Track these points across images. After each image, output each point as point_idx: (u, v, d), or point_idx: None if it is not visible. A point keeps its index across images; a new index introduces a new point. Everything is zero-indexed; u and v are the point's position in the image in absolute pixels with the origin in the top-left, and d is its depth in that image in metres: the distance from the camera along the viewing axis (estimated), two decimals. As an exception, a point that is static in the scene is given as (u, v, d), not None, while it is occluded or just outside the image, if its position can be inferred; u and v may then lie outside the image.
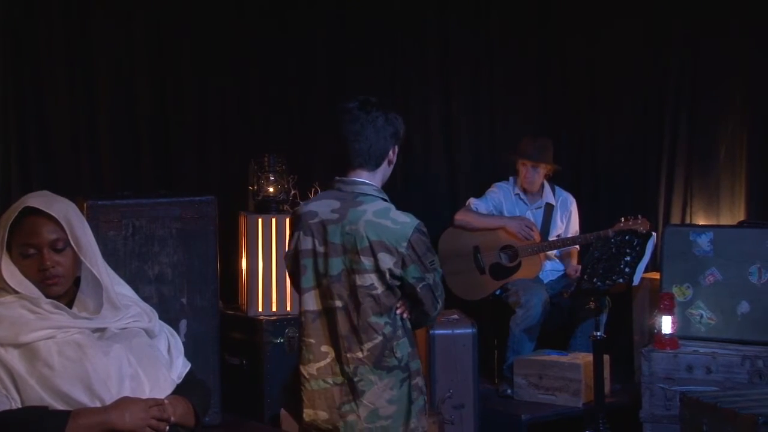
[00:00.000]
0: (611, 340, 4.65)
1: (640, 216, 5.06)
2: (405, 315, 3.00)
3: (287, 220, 4.91)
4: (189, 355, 2.63)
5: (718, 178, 5.49)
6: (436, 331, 4.68)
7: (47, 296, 2.40)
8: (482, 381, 4.99)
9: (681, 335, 4.58)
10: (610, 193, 5.92)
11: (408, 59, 5.98)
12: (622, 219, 5.07)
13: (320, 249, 2.98)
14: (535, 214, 5.38)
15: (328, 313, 2.98)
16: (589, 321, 4.73)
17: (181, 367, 2.55)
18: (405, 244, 2.90)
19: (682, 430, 3.81)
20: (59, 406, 2.28)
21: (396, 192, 5.85)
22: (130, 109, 5.22)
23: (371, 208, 2.95)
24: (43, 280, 2.40)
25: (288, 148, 5.28)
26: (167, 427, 2.39)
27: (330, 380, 2.99)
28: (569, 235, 5.35)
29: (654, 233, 4.84)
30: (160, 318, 2.60)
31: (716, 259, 4.62)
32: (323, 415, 2.99)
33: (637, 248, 4.37)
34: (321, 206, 3.01)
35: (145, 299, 2.68)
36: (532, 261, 5.21)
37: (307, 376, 3.02)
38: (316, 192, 5.17)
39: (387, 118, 3.02)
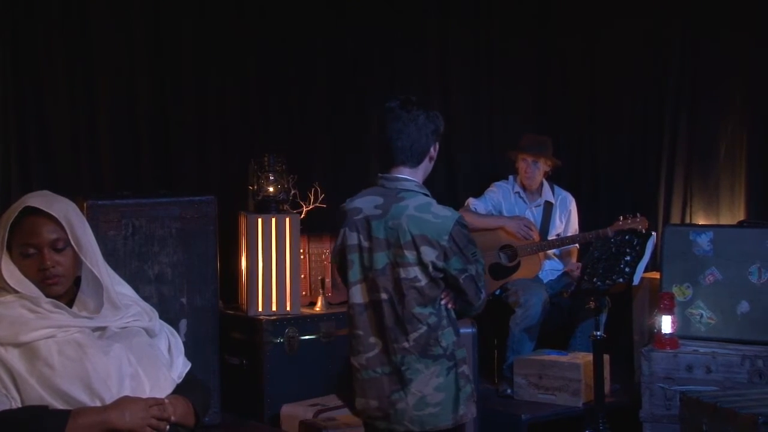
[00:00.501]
0: (611, 340, 4.65)
1: (638, 214, 5.07)
2: (450, 305, 3.12)
3: (287, 220, 4.92)
4: (189, 354, 2.63)
5: (718, 178, 5.48)
6: (436, 331, 4.67)
7: (47, 296, 2.40)
8: (482, 381, 4.99)
9: (681, 335, 4.58)
10: (610, 193, 5.92)
11: (407, 59, 5.98)
12: (621, 218, 5.08)
13: (365, 244, 3.11)
14: (534, 212, 5.38)
15: (374, 305, 3.11)
16: (589, 321, 4.72)
17: (181, 367, 2.55)
18: (446, 237, 3.02)
19: (682, 430, 3.81)
20: (59, 405, 2.28)
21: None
22: (130, 109, 5.21)
23: (413, 203, 3.07)
24: (43, 280, 2.40)
25: (288, 147, 5.28)
26: (167, 427, 2.39)
27: (379, 370, 3.11)
28: (568, 234, 5.35)
29: (654, 233, 4.83)
30: (160, 318, 2.60)
31: (716, 258, 4.61)
32: (374, 403, 3.12)
33: (637, 248, 4.37)
34: (365, 203, 3.14)
35: (145, 299, 2.68)
36: (531, 261, 5.21)
37: (358, 367, 3.15)
38: (315, 192, 5.19)
39: (428, 115, 3.15)
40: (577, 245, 5.38)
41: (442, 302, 3.10)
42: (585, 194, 5.86)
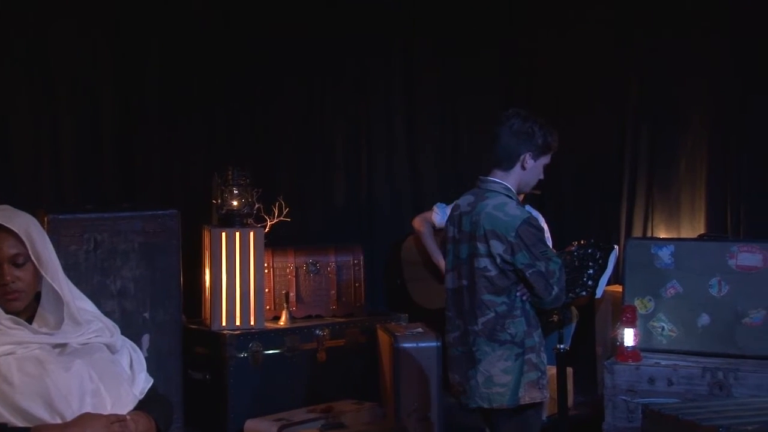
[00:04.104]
0: (574, 353, 4.67)
1: (591, 240, 5.07)
2: (524, 298, 3.41)
3: (251, 234, 4.90)
4: (152, 370, 2.61)
5: (679, 191, 5.55)
6: (401, 345, 4.69)
7: (7, 312, 2.37)
8: (447, 394, 4.99)
9: (643, 347, 4.61)
10: (574, 207, 5.97)
11: (373, 73, 6.01)
12: (575, 243, 5.08)
13: (457, 236, 3.50)
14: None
15: (458, 290, 3.49)
16: (553, 334, 4.74)
17: (143, 383, 2.53)
18: (513, 234, 3.34)
19: (644, 442, 3.84)
20: (19, 422, 2.25)
21: (361, 201, 5.95)
22: (92, 122, 5.18)
23: (492, 202, 3.42)
24: (3, 295, 2.37)
25: (252, 161, 5.27)
26: (129, 444, 2.37)
27: (461, 348, 3.49)
28: None
29: (616, 246, 4.87)
30: (123, 333, 2.58)
31: (677, 271, 4.65)
32: (457, 378, 3.53)
33: (600, 261, 4.39)
34: (463, 201, 3.55)
35: (107, 314, 2.66)
36: None
37: (447, 345, 3.58)
38: (280, 205, 5.19)
39: (524, 124, 3.45)
40: None
41: (518, 294, 3.39)
42: (549, 208, 5.89)
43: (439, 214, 5.39)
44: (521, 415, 3.46)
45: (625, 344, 4.54)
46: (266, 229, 5.08)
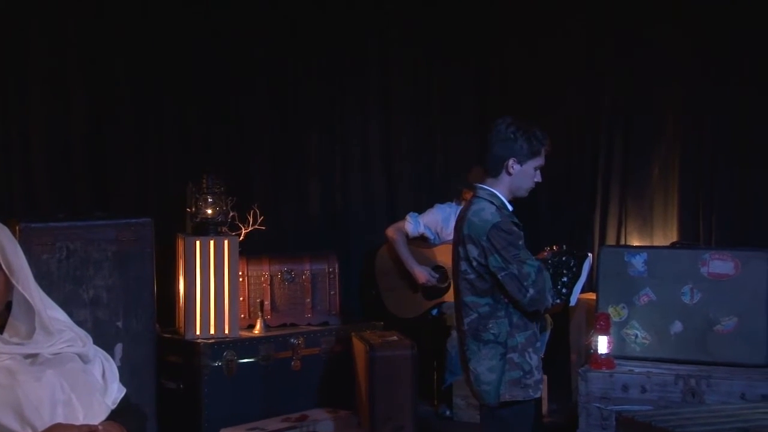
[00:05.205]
0: (549, 361, 4.68)
1: (564, 246, 5.10)
2: (506, 300, 3.48)
3: (225, 243, 4.89)
4: (125, 379, 2.59)
5: (652, 199, 5.59)
6: (376, 353, 4.69)
7: (-23, 322, 2.34)
8: (422, 402, 4.99)
9: (617, 355, 4.64)
10: (547, 214, 5.99)
11: (348, 80, 6.01)
12: (547, 248, 5.11)
13: (456, 241, 3.61)
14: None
15: (455, 293, 3.63)
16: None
17: (116, 393, 2.51)
18: (485, 238, 3.44)
19: (618, 450, 3.85)
20: (-11, 433, 2.23)
21: (336, 210, 5.94)
22: (65, 129, 5.14)
23: (474, 208, 3.53)
24: (-27, 305, 2.34)
25: (227, 169, 5.25)
26: (100, 454, 2.34)
27: (460, 348, 3.64)
28: None
29: (590, 254, 4.89)
30: (95, 342, 2.55)
31: (650, 279, 4.69)
32: (465, 375, 3.65)
33: (574, 269, 4.41)
34: (463, 207, 3.65)
35: (80, 323, 2.63)
36: None
37: (456, 344, 3.77)
38: (255, 214, 5.17)
39: (507, 131, 3.52)
40: None
41: (502, 296, 3.46)
42: (522, 216, 5.90)
43: (411, 224, 5.41)
44: (503, 412, 3.54)
45: (599, 352, 4.56)
46: (241, 238, 5.06)
